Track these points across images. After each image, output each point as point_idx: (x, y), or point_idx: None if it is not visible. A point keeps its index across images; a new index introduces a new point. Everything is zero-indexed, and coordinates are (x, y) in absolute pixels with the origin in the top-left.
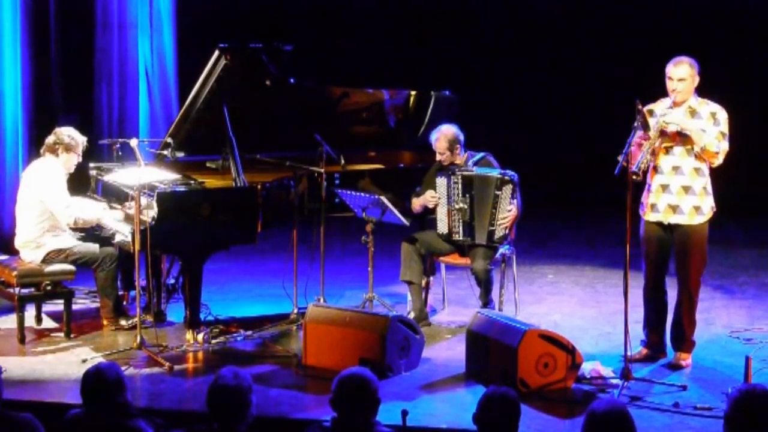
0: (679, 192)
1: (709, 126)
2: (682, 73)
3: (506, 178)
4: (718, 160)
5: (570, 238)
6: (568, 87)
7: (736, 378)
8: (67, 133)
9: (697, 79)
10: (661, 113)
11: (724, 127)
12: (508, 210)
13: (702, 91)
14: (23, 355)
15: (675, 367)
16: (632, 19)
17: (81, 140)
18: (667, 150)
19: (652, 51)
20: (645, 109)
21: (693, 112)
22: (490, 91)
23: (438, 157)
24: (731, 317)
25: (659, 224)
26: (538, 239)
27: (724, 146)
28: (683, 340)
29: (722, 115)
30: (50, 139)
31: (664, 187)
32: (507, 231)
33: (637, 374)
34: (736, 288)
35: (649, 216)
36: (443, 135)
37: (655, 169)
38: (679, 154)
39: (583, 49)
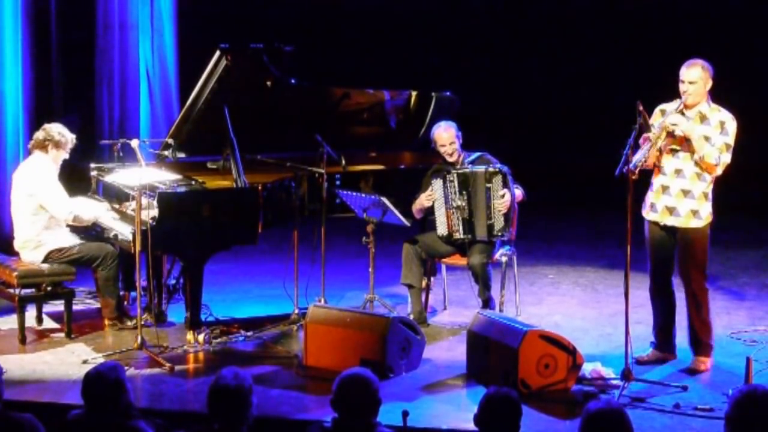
0: (678, 195)
1: (716, 134)
2: (693, 75)
3: (493, 170)
4: (716, 172)
5: (571, 238)
6: (570, 87)
7: (737, 379)
8: (57, 129)
9: (709, 83)
10: (669, 113)
11: (731, 138)
12: (500, 197)
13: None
14: (24, 356)
15: (692, 371)
16: (634, 19)
17: (70, 137)
18: (673, 152)
19: (654, 51)
20: (658, 108)
21: (703, 118)
22: (490, 92)
23: (443, 150)
24: (732, 318)
25: (658, 224)
26: (539, 240)
27: (725, 159)
28: (698, 343)
29: (731, 125)
30: (39, 135)
31: (665, 189)
32: (506, 222)
33: (638, 375)
34: (737, 289)
35: (648, 215)
36: (445, 128)
37: (659, 169)
38: (683, 158)
39: (585, 49)
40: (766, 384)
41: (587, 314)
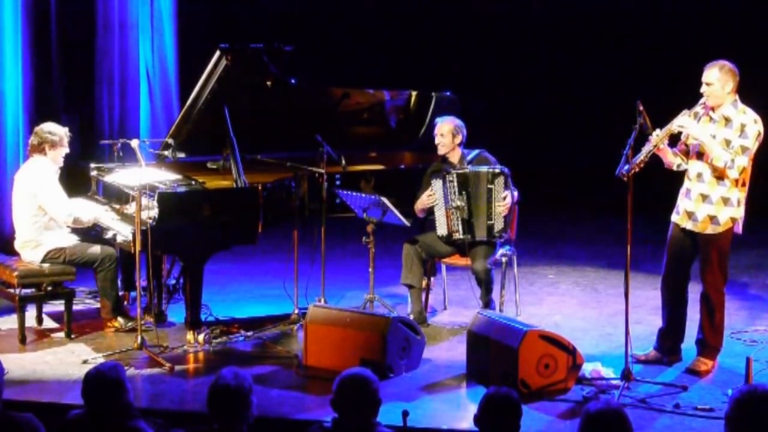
0: (697, 199)
1: (735, 137)
2: (709, 77)
3: (496, 171)
4: (731, 175)
5: (571, 238)
6: (570, 87)
7: (737, 379)
8: (48, 129)
9: (729, 85)
10: (681, 115)
11: (750, 141)
12: (502, 199)
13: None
14: (24, 356)
15: (692, 371)
16: (635, 19)
17: (62, 132)
18: (699, 156)
19: (656, 51)
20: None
21: (727, 121)
22: (491, 92)
23: (437, 140)
24: (732, 318)
25: (679, 226)
26: (539, 240)
27: (741, 162)
28: (704, 344)
29: (751, 128)
30: (34, 140)
31: (687, 192)
32: (505, 223)
33: (638, 375)
34: (737, 289)
35: (673, 217)
36: (448, 121)
37: (686, 173)
38: (705, 162)
39: (586, 49)
40: (766, 384)
41: (587, 314)
